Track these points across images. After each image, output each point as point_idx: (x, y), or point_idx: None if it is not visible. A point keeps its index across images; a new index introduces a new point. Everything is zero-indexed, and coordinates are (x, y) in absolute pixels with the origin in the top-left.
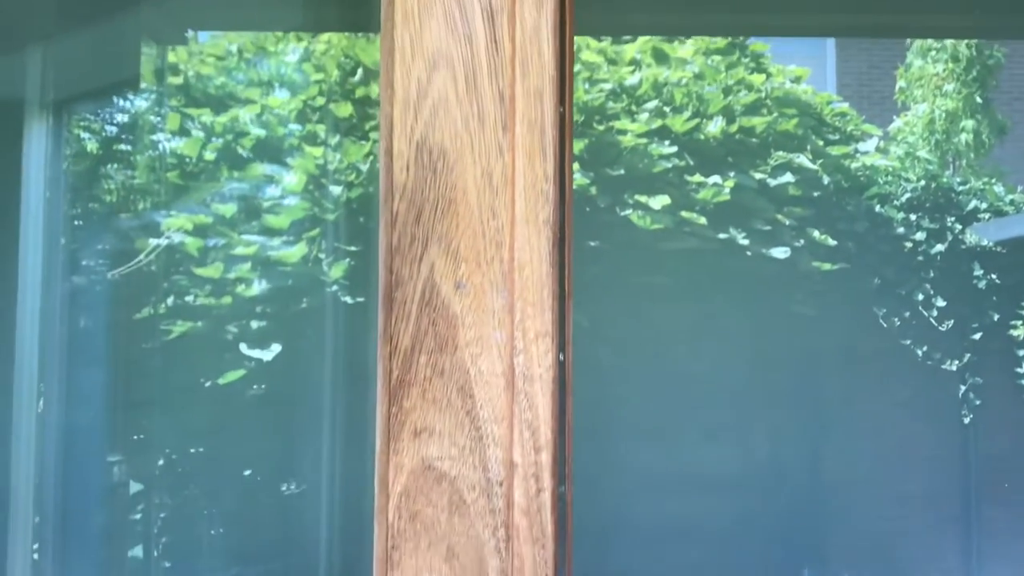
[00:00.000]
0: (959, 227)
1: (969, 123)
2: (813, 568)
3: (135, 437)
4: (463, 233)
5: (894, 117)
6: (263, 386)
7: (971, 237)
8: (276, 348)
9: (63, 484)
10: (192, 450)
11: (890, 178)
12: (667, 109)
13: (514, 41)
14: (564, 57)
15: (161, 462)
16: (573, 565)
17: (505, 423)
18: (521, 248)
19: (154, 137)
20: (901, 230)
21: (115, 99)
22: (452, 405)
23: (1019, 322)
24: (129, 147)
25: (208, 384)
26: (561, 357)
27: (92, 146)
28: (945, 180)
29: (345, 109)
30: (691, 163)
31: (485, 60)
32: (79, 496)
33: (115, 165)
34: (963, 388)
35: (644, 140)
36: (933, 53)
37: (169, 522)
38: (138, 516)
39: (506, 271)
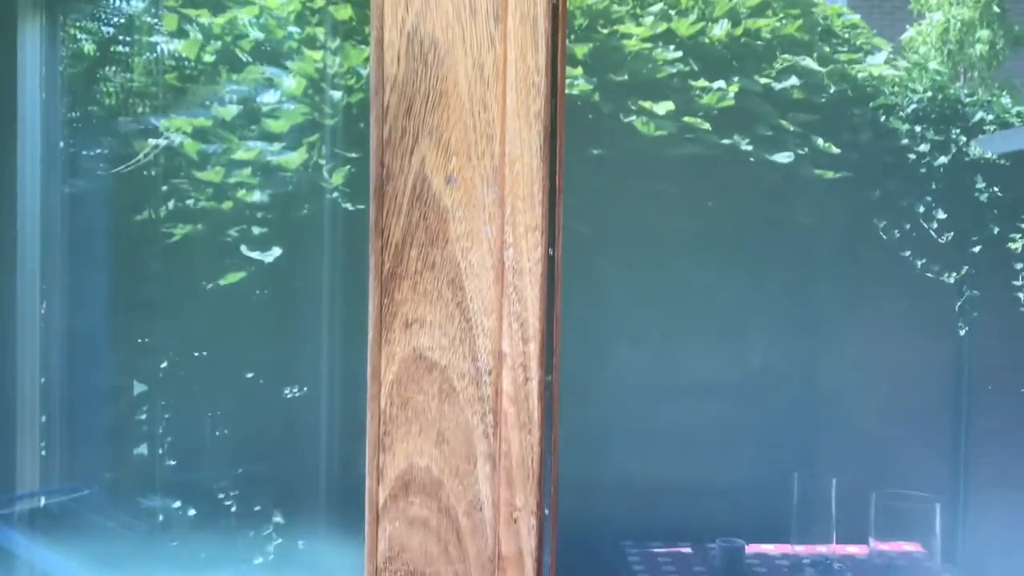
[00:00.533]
0: (964, 139)
1: (984, 33)
2: (803, 472)
3: (138, 339)
4: (454, 126)
5: (907, 27)
6: (266, 290)
7: (975, 149)
8: (276, 251)
9: (68, 384)
10: (196, 354)
11: (897, 88)
12: (672, 12)
13: None
14: None
15: (164, 364)
16: (559, 451)
17: (494, 315)
18: (512, 142)
19: (151, 38)
20: (905, 141)
21: None
22: (443, 297)
23: (1018, 235)
24: (126, 48)
25: (209, 286)
26: (551, 251)
27: (88, 47)
28: (952, 92)
29: (345, 12)
30: (696, 68)
31: None
32: (84, 396)
33: (112, 67)
34: (960, 300)
35: (649, 45)
36: None
37: (173, 422)
38: (143, 416)
39: (497, 165)
